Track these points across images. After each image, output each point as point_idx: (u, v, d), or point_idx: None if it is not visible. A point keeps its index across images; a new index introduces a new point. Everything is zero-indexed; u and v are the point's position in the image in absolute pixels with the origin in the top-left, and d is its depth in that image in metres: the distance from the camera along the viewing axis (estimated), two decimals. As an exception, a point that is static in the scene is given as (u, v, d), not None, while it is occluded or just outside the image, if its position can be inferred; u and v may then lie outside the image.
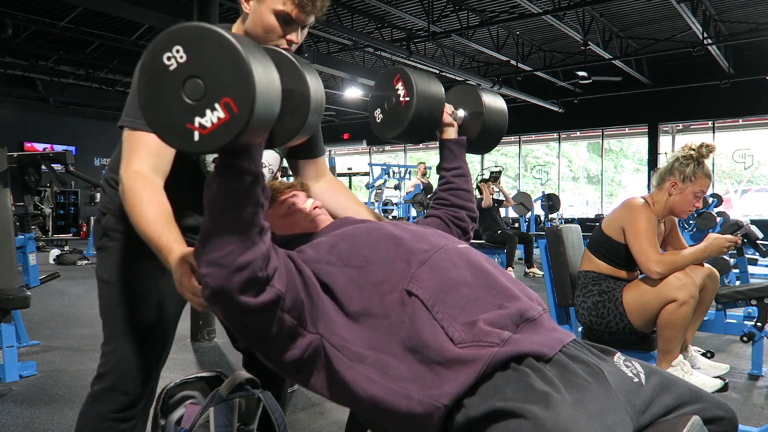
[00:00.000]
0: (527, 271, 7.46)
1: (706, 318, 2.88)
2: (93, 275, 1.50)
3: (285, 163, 1.62)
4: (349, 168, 17.01)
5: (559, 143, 15.30)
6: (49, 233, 13.58)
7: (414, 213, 9.74)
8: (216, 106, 0.83)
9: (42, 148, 13.48)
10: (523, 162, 16.42)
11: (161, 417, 1.42)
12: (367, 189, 11.45)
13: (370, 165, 12.36)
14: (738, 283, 4.89)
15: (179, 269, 1.05)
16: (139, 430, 1.41)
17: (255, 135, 0.88)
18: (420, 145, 16.84)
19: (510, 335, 1.00)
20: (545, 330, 1.05)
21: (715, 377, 2.32)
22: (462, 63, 12.40)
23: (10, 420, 2.43)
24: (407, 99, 1.37)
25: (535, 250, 7.51)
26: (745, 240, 3.99)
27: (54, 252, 8.86)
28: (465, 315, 1.02)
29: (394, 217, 9.92)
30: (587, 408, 0.90)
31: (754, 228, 4.01)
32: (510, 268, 7.02)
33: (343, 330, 1.05)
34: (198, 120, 0.84)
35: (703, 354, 2.55)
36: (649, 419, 1.00)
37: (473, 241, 7.36)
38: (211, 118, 0.83)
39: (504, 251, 6.94)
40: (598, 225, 2.52)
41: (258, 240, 0.95)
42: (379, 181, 11.30)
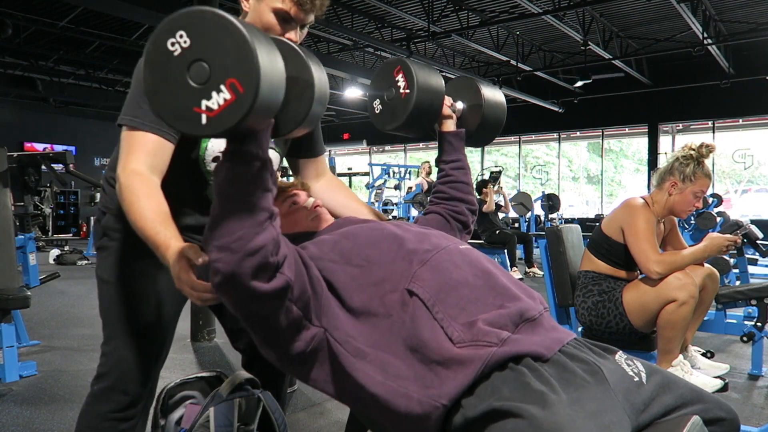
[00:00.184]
0: (527, 271, 7.47)
1: (706, 318, 2.88)
2: (93, 275, 1.50)
3: (285, 163, 1.62)
4: (349, 168, 17.01)
5: (559, 143, 15.30)
6: (49, 233, 13.58)
7: (414, 213, 9.73)
8: (222, 87, 0.83)
9: (42, 148, 13.48)
10: (523, 162, 16.42)
11: (161, 417, 1.42)
12: (367, 189, 11.45)
13: (370, 165, 12.36)
14: (738, 283, 4.89)
15: (177, 264, 1.05)
16: (139, 430, 1.41)
17: (261, 117, 0.88)
18: (420, 145, 16.85)
19: (509, 335, 1.00)
20: (545, 330, 1.05)
21: (715, 377, 2.32)
22: (462, 63, 12.40)
23: (10, 420, 2.43)
24: (407, 91, 1.35)
25: (535, 250, 7.52)
26: (745, 240, 3.99)
27: (54, 252, 8.86)
28: (465, 315, 1.02)
29: (394, 217, 9.91)
30: (584, 407, 0.90)
31: (754, 228, 4.02)
32: (514, 267, 7.02)
33: (346, 326, 1.05)
34: (204, 103, 0.84)
35: (703, 354, 2.55)
36: (649, 418, 1.00)
37: (472, 242, 7.27)
38: (218, 100, 0.84)
39: (503, 251, 6.93)
40: (597, 225, 2.52)
41: (268, 225, 0.95)
42: (379, 181, 11.30)
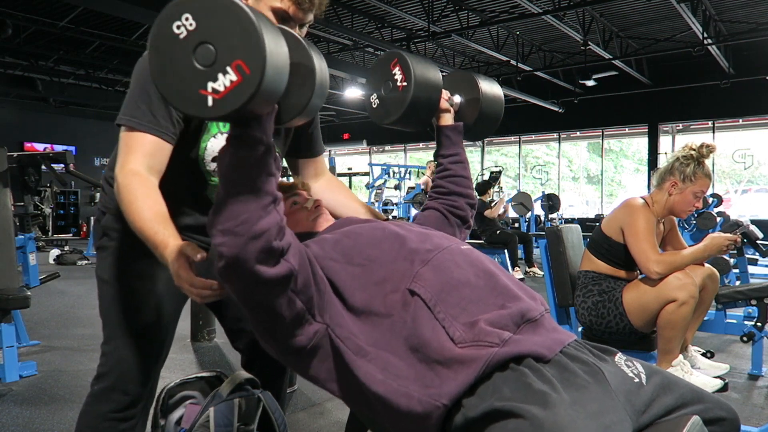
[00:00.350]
0: (527, 271, 7.47)
1: (706, 318, 2.88)
2: (93, 275, 1.50)
3: (284, 163, 1.62)
4: (349, 168, 17.02)
5: (559, 143, 15.30)
6: (49, 233, 13.58)
7: (414, 213, 9.74)
8: (228, 69, 0.84)
9: (42, 148, 13.48)
10: (523, 162, 16.41)
11: (161, 417, 1.41)
12: (367, 189, 11.45)
13: (370, 165, 12.37)
14: (738, 283, 4.89)
15: (176, 262, 1.05)
16: (139, 430, 1.41)
17: (266, 100, 0.89)
18: (420, 145, 16.84)
19: (510, 336, 1.00)
20: (546, 331, 1.05)
21: (715, 377, 2.32)
22: (462, 63, 12.40)
23: (10, 420, 2.43)
24: (404, 84, 1.34)
25: (535, 250, 7.51)
26: (745, 240, 3.99)
27: (54, 252, 8.86)
28: (466, 315, 1.02)
29: (394, 217, 9.91)
30: (585, 408, 0.90)
31: (754, 228, 4.01)
32: (516, 267, 7.01)
33: (348, 323, 1.05)
34: (211, 85, 0.85)
35: (703, 354, 2.55)
36: (650, 419, 1.00)
37: (473, 242, 7.25)
38: (224, 81, 0.84)
39: (503, 251, 6.92)
40: (597, 225, 2.52)
41: (272, 209, 0.95)
42: (379, 181, 11.30)
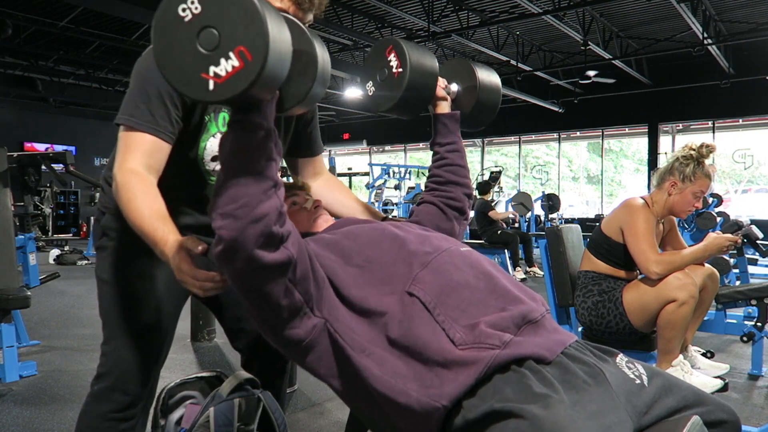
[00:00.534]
0: (528, 271, 7.47)
1: (706, 318, 2.88)
2: (93, 275, 1.50)
3: (283, 163, 1.62)
4: (349, 168, 17.02)
5: (559, 143, 15.30)
6: (49, 233, 13.58)
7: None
8: (230, 54, 0.84)
9: (42, 148, 13.48)
10: (523, 162, 16.42)
11: (161, 417, 1.41)
12: (367, 189, 11.45)
13: (370, 165, 12.37)
14: (738, 283, 4.89)
15: (176, 256, 1.05)
16: (139, 429, 1.41)
17: (267, 86, 0.89)
18: (420, 145, 16.84)
19: (511, 338, 1.00)
20: (547, 332, 1.05)
21: (715, 377, 2.31)
22: (462, 63, 12.38)
23: (10, 420, 2.43)
24: (400, 70, 1.33)
25: (535, 249, 7.51)
26: (745, 240, 3.99)
27: (54, 252, 8.86)
28: (466, 317, 1.02)
29: (393, 217, 9.90)
30: (586, 408, 0.90)
31: (754, 228, 4.01)
32: (517, 267, 7.00)
33: (347, 319, 1.06)
34: (213, 69, 0.85)
35: (703, 354, 2.55)
36: (651, 420, 1.00)
37: (474, 242, 7.24)
38: (226, 66, 0.84)
39: (504, 251, 6.92)
40: (597, 225, 2.52)
41: (272, 194, 0.96)
42: (379, 181, 11.31)
